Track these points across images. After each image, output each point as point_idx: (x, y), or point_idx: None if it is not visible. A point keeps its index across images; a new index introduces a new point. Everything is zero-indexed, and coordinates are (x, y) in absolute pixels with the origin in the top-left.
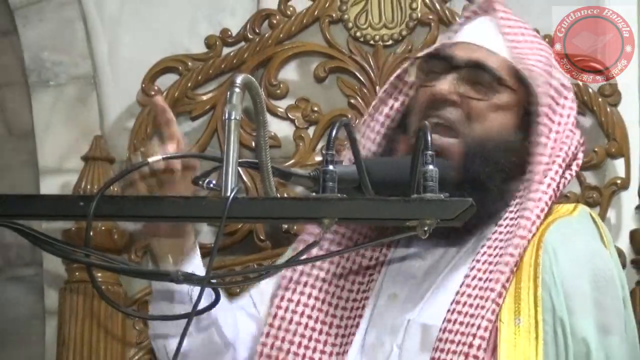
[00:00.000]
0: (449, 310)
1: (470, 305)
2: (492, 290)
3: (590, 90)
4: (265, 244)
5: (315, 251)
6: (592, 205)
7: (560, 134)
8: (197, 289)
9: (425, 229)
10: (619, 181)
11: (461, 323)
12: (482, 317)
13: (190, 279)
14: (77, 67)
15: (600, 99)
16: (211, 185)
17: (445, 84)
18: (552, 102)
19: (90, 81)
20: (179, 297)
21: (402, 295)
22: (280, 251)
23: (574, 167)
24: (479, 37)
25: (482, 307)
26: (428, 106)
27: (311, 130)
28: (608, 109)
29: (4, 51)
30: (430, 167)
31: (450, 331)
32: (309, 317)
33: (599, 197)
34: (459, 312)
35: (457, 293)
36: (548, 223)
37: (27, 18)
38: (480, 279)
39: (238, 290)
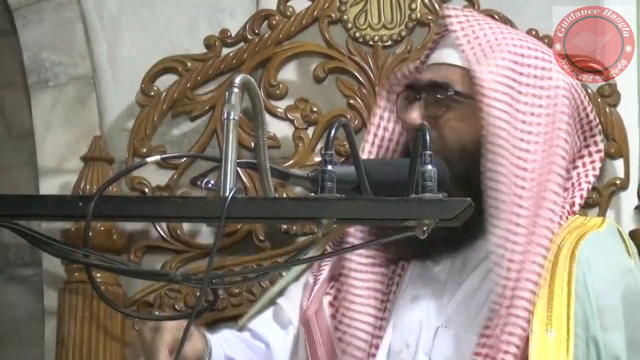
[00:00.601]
0: (486, 327)
1: (504, 316)
2: (524, 299)
3: (589, 90)
4: (264, 244)
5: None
6: (591, 206)
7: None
8: None
9: (424, 229)
10: (618, 181)
11: (497, 337)
12: (517, 326)
13: (189, 279)
14: (77, 67)
15: (599, 100)
16: (210, 185)
17: (413, 112)
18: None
19: (89, 81)
20: None
21: (424, 298)
22: (279, 251)
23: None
24: (444, 54)
25: (517, 316)
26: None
27: (310, 131)
28: (607, 110)
29: (3, 51)
30: (429, 167)
31: (486, 345)
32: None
33: (598, 198)
34: (496, 325)
35: (488, 301)
36: (580, 235)
37: (27, 18)
38: (511, 289)
39: (237, 290)
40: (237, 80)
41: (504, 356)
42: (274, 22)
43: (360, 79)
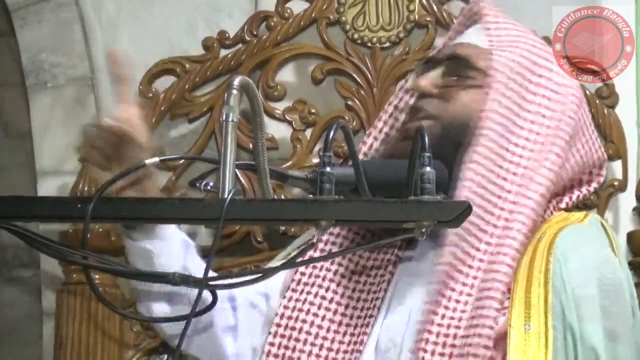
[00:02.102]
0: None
1: (480, 308)
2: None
3: (587, 92)
4: (262, 246)
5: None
6: (589, 207)
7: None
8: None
9: (423, 230)
10: (616, 183)
11: (475, 332)
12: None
13: (188, 281)
14: (75, 68)
15: (597, 101)
16: (208, 187)
17: (423, 80)
18: (525, 82)
19: (88, 83)
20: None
21: (411, 297)
22: (277, 253)
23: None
24: (466, 37)
25: (488, 307)
26: (414, 103)
27: (308, 132)
28: (605, 111)
29: (2, 53)
30: (428, 168)
31: (467, 339)
32: (315, 315)
33: (597, 199)
34: (472, 317)
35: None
36: (559, 228)
37: (25, 19)
38: (482, 280)
39: None
40: (236, 81)
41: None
42: (272, 23)
43: (359, 80)
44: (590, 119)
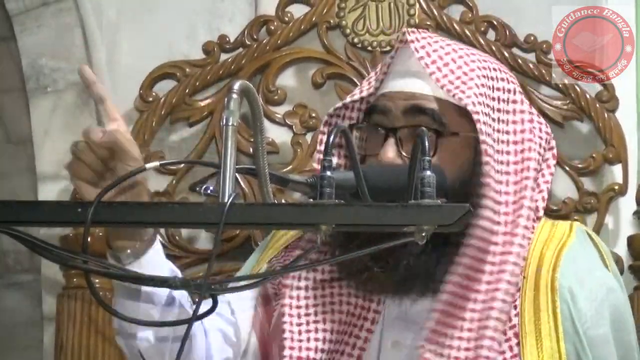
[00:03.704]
0: None
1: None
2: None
3: (587, 96)
4: None
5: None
6: (589, 211)
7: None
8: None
9: (423, 234)
10: (616, 187)
11: None
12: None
13: (188, 285)
14: (75, 73)
15: (597, 105)
16: (209, 191)
17: (390, 152)
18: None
19: None
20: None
21: (405, 345)
22: None
23: (548, 165)
24: (410, 83)
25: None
26: None
27: (309, 137)
28: (605, 115)
29: (2, 57)
30: (428, 172)
31: None
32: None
33: (597, 203)
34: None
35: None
36: (555, 254)
37: (25, 24)
38: (474, 339)
39: None
40: (236, 86)
41: None
42: (273, 27)
43: (359, 84)
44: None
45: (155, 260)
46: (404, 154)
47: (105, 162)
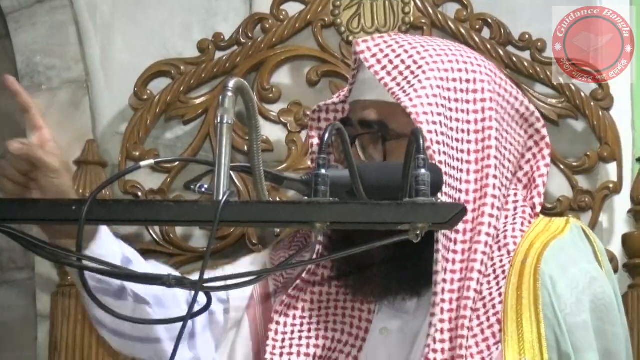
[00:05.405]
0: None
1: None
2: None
3: (582, 94)
4: (257, 248)
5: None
6: (584, 210)
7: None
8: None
9: (417, 232)
10: (611, 185)
11: None
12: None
13: (183, 283)
14: (70, 71)
15: (592, 103)
16: (203, 189)
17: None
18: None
19: (82, 85)
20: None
21: (392, 331)
22: None
23: (543, 156)
24: (367, 90)
25: (484, 339)
26: None
27: (304, 134)
28: (600, 113)
29: None
30: (422, 170)
31: None
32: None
33: (591, 201)
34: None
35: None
36: (542, 246)
37: (20, 22)
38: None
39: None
40: (231, 83)
41: None
42: (267, 25)
43: None
44: (516, 91)
45: (99, 254)
46: (363, 159)
47: (25, 174)
